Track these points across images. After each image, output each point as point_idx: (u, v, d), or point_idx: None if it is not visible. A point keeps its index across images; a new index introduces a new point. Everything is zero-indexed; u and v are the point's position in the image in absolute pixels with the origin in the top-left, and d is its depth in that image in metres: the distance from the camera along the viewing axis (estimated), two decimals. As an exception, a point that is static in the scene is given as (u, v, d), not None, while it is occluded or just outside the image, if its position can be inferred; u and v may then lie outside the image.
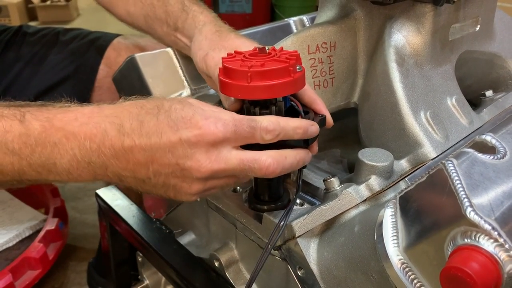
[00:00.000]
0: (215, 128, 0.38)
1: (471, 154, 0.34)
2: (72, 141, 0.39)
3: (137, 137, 0.38)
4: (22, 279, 1.05)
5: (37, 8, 3.56)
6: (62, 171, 0.40)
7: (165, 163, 0.39)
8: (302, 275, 0.45)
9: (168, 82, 0.64)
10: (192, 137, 0.38)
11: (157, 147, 0.38)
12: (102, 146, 0.39)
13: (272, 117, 0.41)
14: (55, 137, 0.39)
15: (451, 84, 0.54)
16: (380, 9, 0.53)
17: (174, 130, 0.38)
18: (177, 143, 0.38)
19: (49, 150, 0.39)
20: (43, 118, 0.40)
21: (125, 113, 0.40)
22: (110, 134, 0.39)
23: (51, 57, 0.91)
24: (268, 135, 0.40)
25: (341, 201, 0.43)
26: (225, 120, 0.39)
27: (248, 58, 0.43)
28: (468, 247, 0.29)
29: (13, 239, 1.12)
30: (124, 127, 0.39)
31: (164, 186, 0.40)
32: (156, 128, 0.38)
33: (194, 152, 0.38)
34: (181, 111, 0.39)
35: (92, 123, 0.39)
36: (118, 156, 0.39)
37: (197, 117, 0.38)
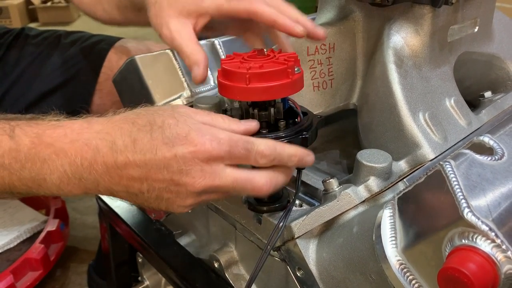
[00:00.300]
0: (210, 146, 0.38)
1: (469, 156, 0.34)
2: (62, 158, 0.39)
3: (131, 154, 0.39)
4: (23, 280, 1.05)
5: (37, 9, 3.56)
6: (52, 186, 0.40)
7: (160, 179, 0.39)
8: (301, 276, 0.45)
9: (168, 83, 0.64)
10: (187, 154, 0.38)
11: (152, 163, 0.38)
12: (94, 163, 0.39)
13: (269, 142, 0.41)
14: (45, 153, 0.39)
15: (450, 85, 0.54)
16: (379, 11, 0.53)
17: (169, 147, 0.38)
18: (172, 159, 0.38)
19: (38, 166, 0.40)
20: (33, 134, 0.40)
21: (116, 130, 0.40)
22: (102, 151, 0.39)
23: (53, 60, 0.92)
24: (263, 159, 0.40)
25: (340, 202, 0.43)
26: (220, 139, 0.39)
27: (246, 59, 0.44)
28: (466, 247, 0.29)
29: (14, 240, 1.12)
30: (117, 144, 0.39)
31: (157, 199, 0.41)
32: (151, 145, 0.38)
33: (190, 169, 0.38)
34: (176, 127, 0.39)
35: (82, 140, 0.40)
36: (110, 172, 0.39)
37: (193, 134, 0.39)
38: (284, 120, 0.44)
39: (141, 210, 0.68)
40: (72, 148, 0.39)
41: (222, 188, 0.40)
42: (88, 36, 0.96)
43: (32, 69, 0.91)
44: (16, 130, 0.41)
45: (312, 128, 0.44)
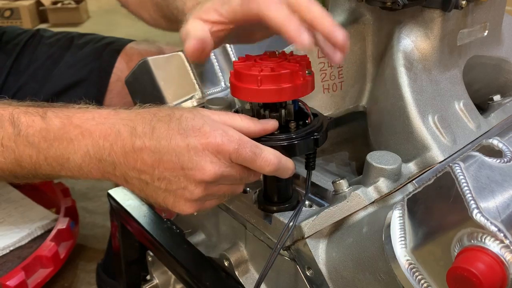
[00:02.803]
0: (221, 140, 0.40)
1: (478, 158, 0.34)
2: (87, 138, 0.42)
3: (147, 139, 0.41)
4: (34, 277, 1.07)
5: (48, 11, 3.60)
6: (74, 166, 0.43)
7: (171, 167, 0.40)
8: (311, 275, 0.46)
9: (180, 85, 0.65)
10: (199, 145, 0.40)
11: (166, 150, 0.40)
12: (114, 145, 0.41)
13: (277, 152, 0.42)
14: (72, 133, 0.42)
15: (459, 88, 0.55)
16: (389, 15, 0.54)
17: (184, 137, 0.40)
18: (184, 148, 0.40)
19: (65, 145, 0.42)
20: (63, 115, 0.43)
21: (138, 118, 0.42)
22: (123, 135, 0.41)
23: (65, 60, 0.93)
24: (268, 167, 0.42)
25: (350, 202, 0.44)
26: (231, 136, 0.41)
27: (258, 61, 0.44)
28: (474, 248, 0.30)
29: (25, 237, 1.13)
30: (137, 130, 0.41)
31: (166, 191, 0.42)
32: (167, 133, 0.41)
33: (200, 159, 0.40)
34: (192, 121, 0.41)
35: (107, 124, 0.42)
36: (127, 155, 0.41)
37: (206, 127, 0.41)
38: (294, 122, 0.45)
39: (152, 208, 0.69)
40: (97, 129, 0.42)
41: (231, 177, 0.42)
42: (100, 38, 0.98)
43: (45, 69, 0.93)
44: (48, 113, 0.44)
45: (322, 129, 0.44)
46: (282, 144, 0.43)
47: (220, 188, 0.43)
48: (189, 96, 0.65)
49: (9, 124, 0.44)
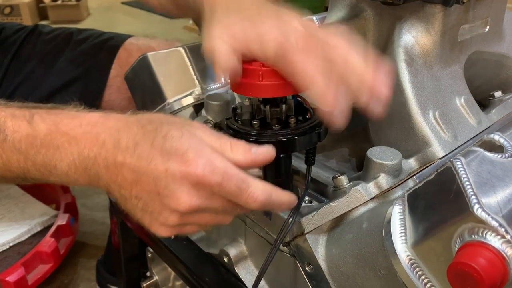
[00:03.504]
0: (202, 171, 0.37)
1: (479, 153, 0.34)
2: (74, 146, 0.41)
3: (129, 156, 0.39)
4: (34, 272, 1.07)
5: (48, 8, 3.60)
6: (62, 174, 0.42)
7: (147, 190, 0.39)
8: (311, 271, 0.46)
9: (180, 80, 0.65)
10: (178, 172, 0.38)
11: (144, 171, 0.39)
12: (98, 156, 0.40)
13: (268, 187, 0.40)
14: (59, 140, 0.41)
15: (460, 84, 0.55)
16: (389, 10, 0.53)
17: (165, 160, 0.38)
18: (163, 173, 0.38)
19: (52, 152, 0.42)
20: (51, 121, 0.42)
21: (125, 129, 0.41)
22: (107, 146, 0.40)
23: (64, 56, 0.93)
24: (254, 204, 0.39)
25: (350, 198, 0.44)
26: (215, 168, 0.38)
27: (259, 57, 0.44)
28: (475, 243, 0.30)
29: (25, 233, 1.14)
30: (121, 143, 0.40)
31: (142, 210, 0.41)
32: (148, 153, 0.39)
33: (176, 188, 0.38)
34: (177, 141, 0.38)
35: (94, 132, 0.41)
36: (109, 168, 0.40)
37: (190, 154, 0.38)
38: (294, 117, 0.45)
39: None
40: (83, 138, 0.41)
41: (211, 209, 0.40)
42: (99, 33, 0.97)
43: (44, 65, 0.92)
44: (35, 117, 0.43)
45: (323, 124, 0.44)
46: (283, 140, 0.43)
47: (199, 218, 0.41)
48: (188, 92, 0.65)
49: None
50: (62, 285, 1.26)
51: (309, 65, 0.38)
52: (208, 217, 0.41)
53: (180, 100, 0.64)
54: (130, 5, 4.00)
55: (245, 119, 0.47)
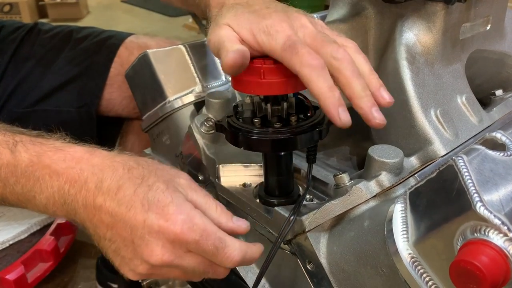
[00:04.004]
0: (180, 229, 0.38)
1: (481, 151, 0.34)
2: (54, 180, 0.41)
3: (109, 199, 0.39)
4: (34, 271, 1.07)
5: (47, 6, 3.59)
6: (40, 205, 0.42)
7: (122, 235, 0.39)
8: (312, 269, 0.46)
9: (180, 78, 0.65)
10: (155, 226, 0.38)
11: (121, 217, 0.39)
12: (77, 194, 0.40)
13: (243, 246, 0.41)
14: (40, 173, 0.41)
15: (461, 82, 0.54)
16: (391, 8, 0.53)
17: (144, 210, 0.38)
18: (140, 223, 0.38)
19: (31, 183, 0.41)
20: (34, 152, 0.42)
21: (110, 170, 0.40)
22: (89, 185, 0.40)
23: (64, 55, 0.93)
24: (230, 264, 0.40)
25: (351, 196, 0.44)
26: (194, 225, 0.38)
27: (260, 54, 0.44)
28: (478, 241, 0.30)
29: (24, 232, 1.13)
30: (103, 184, 0.40)
31: (115, 253, 0.41)
32: (129, 199, 0.39)
33: (152, 240, 0.38)
34: (161, 193, 0.39)
35: (77, 168, 0.41)
36: (87, 207, 0.40)
37: (171, 208, 0.38)
38: (296, 115, 0.45)
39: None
40: (65, 173, 0.41)
41: (181, 267, 0.40)
42: (99, 31, 0.97)
43: (43, 63, 0.92)
44: (18, 146, 0.42)
45: (325, 121, 0.44)
46: (284, 137, 0.43)
47: (168, 272, 0.41)
48: (189, 90, 0.65)
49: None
50: (62, 283, 1.26)
51: (316, 60, 0.38)
52: (177, 273, 0.41)
53: (181, 98, 0.64)
54: (130, 3, 4.00)
55: (246, 117, 0.47)
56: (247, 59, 0.40)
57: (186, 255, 0.39)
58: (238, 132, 0.44)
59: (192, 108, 0.65)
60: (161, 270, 0.41)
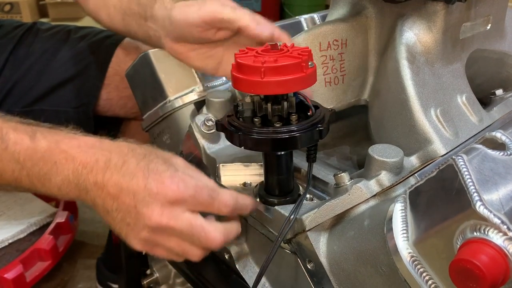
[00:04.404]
0: (176, 187, 0.43)
1: (481, 150, 0.34)
2: (70, 163, 0.45)
3: (116, 172, 0.44)
4: (33, 270, 1.07)
5: (48, 5, 3.59)
6: (54, 187, 0.46)
7: (126, 203, 0.43)
8: (312, 268, 0.46)
9: (181, 78, 0.65)
10: (154, 188, 0.43)
11: (125, 186, 0.43)
12: (89, 174, 0.45)
13: (233, 193, 0.46)
14: (57, 157, 0.45)
15: (462, 82, 0.55)
16: (391, 7, 0.53)
17: (145, 177, 0.43)
18: (141, 188, 0.43)
19: (49, 166, 0.45)
20: (52, 139, 0.46)
21: (117, 150, 0.46)
22: (99, 164, 0.45)
23: (62, 54, 0.92)
24: (225, 209, 0.45)
25: (351, 195, 0.44)
26: (187, 183, 0.43)
27: (260, 54, 0.44)
28: (478, 240, 0.30)
29: (24, 230, 1.13)
30: (111, 161, 0.45)
31: (121, 222, 0.45)
32: (132, 170, 0.44)
33: (151, 202, 0.43)
34: (159, 165, 0.44)
35: (90, 153, 0.45)
36: (97, 183, 0.44)
37: (166, 174, 0.43)
38: (296, 114, 0.45)
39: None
40: (79, 157, 0.45)
41: (177, 231, 0.43)
42: (97, 31, 0.97)
43: (41, 63, 0.92)
44: (37, 133, 0.47)
45: (325, 121, 0.44)
46: (284, 137, 0.43)
47: (167, 240, 0.44)
48: (190, 89, 0.65)
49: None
50: (62, 282, 1.26)
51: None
52: (174, 241, 0.45)
53: (181, 97, 0.64)
54: (130, 3, 3.99)
55: (247, 116, 0.47)
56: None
57: (184, 214, 0.43)
58: (239, 132, 0.44)
59: (193, 107, 0.65)
60: (159, 237, 0.44)
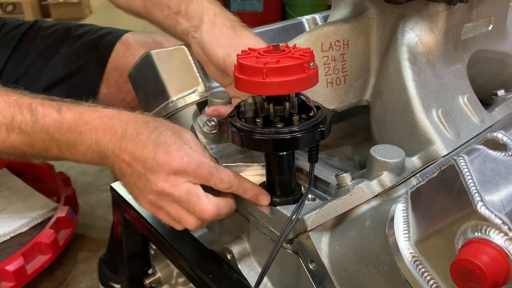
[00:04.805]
0: (181, 160, 0.48)
1: (482, 151, 0.34)
2: (93, 133, 0.50)
3: (130, 142, 0.49)
4: (33, 263, 1.09)
5: (50, 6, 3.60)
6: (80, 154, 0.51)
7: (137, 169, 0.49)
8: (314, 268, 0.46)
9: (183, 78, 0.65)
10: (161, 159, 0.48)
11: (138, 155, 0.49)
12: (109, 142, 0.50)
13: (232, 173, 0.50)
14: (82, 128, 0.50)
15: (463, 83, 0.55)
16: (393, 8, 0.53)
17: (155, 148, 0.48)
18: (150, 158, 0.48)
19: (75, 136, 0.50)
20: (77, 111, 0.51)
21: (133, 121, 0.51)
22: (117, 134, 0.50)
23: (62, 51, 0.94)
24: (221, 185, 0.49)
25: (353, 196, 0.44)
26: (191, 157, 0.48)
27: (262, 54, 0.44)
28: (479, 240, 0.30)
29: (25, 225, 1.15)
30: (127, 132, 0.50)
31: (133, 185, 0.51)
32: (144, 141, 0.49)
33: (158, 170, 0.48)
34: (168, 137, 0.49)
35: (110, 123, 0.51)
36: (114, 151, 0.50)
37: (173, 147, 0.48)
38: (298, 115, 0.45)
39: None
40: (101, 127, 0.50)
41: (175, 197, 0.48)
42: (97, 28, 0.99)
43: (42, 59, 0.94)
44: (62, 107, 0.52)
45: (327, 121, 0.44)
46: (287, 137, 0.43)
47: (169, 205, 0.50)
48: (192, 90, 0.65)
49: (27, 111, 0.51)
50: (62, 277, 1.27)
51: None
52: (174, 207, 0.50)
53: (183, 98, 0.65)
54: (132, 3, 3.99)
55: (249, 117, 0.47)
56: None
57: (184, 183, 0.48)
58: (241, 132, 0.44)
59: (195, 107, 0.65)
60: (163, 202, 0.50)
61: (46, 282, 1.25)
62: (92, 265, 1.29)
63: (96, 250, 1.34)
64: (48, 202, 1.25)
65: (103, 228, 1.42)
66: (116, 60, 0.92)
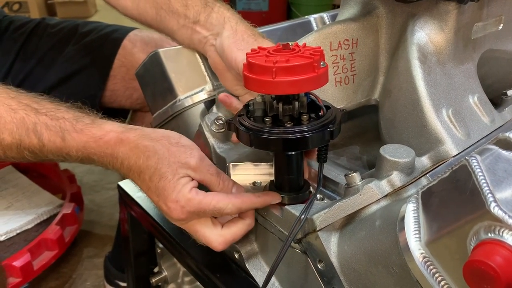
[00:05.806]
0: (180, 212, 0.48)
1: (494, 151, 0.34)
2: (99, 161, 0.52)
3: (135, 178, 0.50)
4: (40, 258, 1.10)
5: (56, 4, 3.61)
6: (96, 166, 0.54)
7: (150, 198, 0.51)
8: (322, 268, 0.46)
9: (191, 77, 0.65)
10: (163, 209, 0.49)
11: (145, 191, 0.51)
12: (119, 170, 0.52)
13: (233, 197, 0.48)
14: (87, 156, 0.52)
15: (473, 82, 0.54)
16: (403, 7, 0.53)
17: (156, 195, 0.49)
18: (155, 201, 0.50)
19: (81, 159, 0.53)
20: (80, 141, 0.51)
21: (134, 157, 0.50)
22: (124, 166, 0.51)
23: (70, 48, 0.95)
24: (228, 214, 0.49)
25: (363, 196, 0.44)
26: (190, 204, 0.47)
27: (272, 53, 0.44)
28: (492, 241, 0.30)
29: (31, 221, 1.16)
30: (131, 168, 0.50)
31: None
32: (147, 184, 0.50)
33: (165, 214, 0.50)
34: (167, 183, 0.48)
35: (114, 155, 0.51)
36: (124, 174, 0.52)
37: (172, 197, 0.48)
38: (307, 114, 0.45)
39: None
40: (106, 160, 0.51)
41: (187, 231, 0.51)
42: (104, 26, 0.99)
43: (50, 56, 0.94)
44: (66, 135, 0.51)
45: (336, 121, 0.44)
46: (296, 137, 0.43)
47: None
48: (200, 89, 0.65)
49: (33, 135, 0.51)
50: (67, 275, 1.28)
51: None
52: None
53: (191, 97, 0.65)
54: (138, 2, 4.00)
55: (258, 116, 0.47)
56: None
57: (188, 224, 0.50)
58: (249, 131, 0.44)
59: (203, 106, 0.65)
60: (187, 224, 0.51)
61: (52, 280, 1.25)
62: (98, 263, 1.29)
63: (102, 248, 1.35)
64: (54, 199, 1.26)
65: (108, 226, 1.42)
66: (123, 57, 0.92)
